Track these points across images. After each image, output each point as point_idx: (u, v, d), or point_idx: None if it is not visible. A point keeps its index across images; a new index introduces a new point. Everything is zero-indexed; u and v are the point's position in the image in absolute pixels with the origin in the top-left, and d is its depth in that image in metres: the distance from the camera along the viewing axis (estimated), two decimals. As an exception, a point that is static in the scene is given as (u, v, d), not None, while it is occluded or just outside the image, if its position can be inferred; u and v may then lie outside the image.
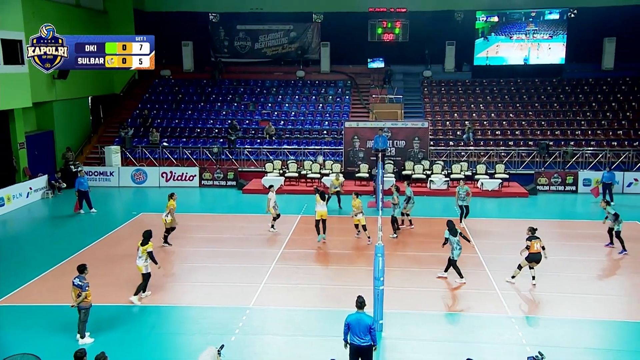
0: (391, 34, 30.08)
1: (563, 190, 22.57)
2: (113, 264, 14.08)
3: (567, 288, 12.45)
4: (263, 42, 31.45)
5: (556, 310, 11.47)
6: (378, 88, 29.05)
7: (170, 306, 11.80)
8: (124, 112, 29.01)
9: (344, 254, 14.88)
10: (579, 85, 28.82)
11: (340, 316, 11.02)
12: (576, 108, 27.29)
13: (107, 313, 11.21)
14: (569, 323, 10.83)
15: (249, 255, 14.77)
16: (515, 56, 29.76)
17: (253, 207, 20.42)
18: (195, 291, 12.53)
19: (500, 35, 29.67)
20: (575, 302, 11.77)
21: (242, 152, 25.25)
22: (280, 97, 29.74)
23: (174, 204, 15.27)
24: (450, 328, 10.72)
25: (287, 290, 12.54)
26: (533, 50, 29.57)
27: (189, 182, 23.95)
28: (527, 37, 29.47)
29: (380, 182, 18.57)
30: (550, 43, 29.29)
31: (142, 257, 11.69)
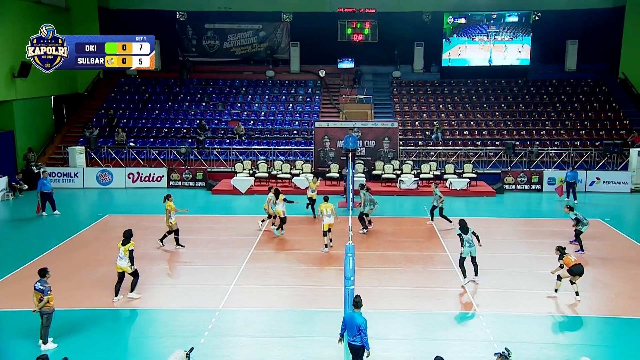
0: (360, 34, 30.26)
1: (529, 189, 23.11)
2: (77, 267, 13.73)
3: (533, 285, 12.73)
4: (232, 42, 31.21)
5: (522, 306, 11.71)
6: (348, 88, 29.19)
7: (137, 309, 11.59)
8: (88, 112, 28.36)
9: (315, 254, 14.87)
10: (543, 86, 29.58)
11: (311, 317, 11.09)
12: (541, 108, 28.00)
13: (71, 317, 10.92)
14: (534, 319, 11.08)
15: (218, 257, 14.62)
16: (479, 57, 30.30)
17: (222, 208, 20.23)
18: (163, 293, 12.33)
19: (462, 37, 30.16)
20: (541, 298, 12.04)
21: (211, 152, 24.99)
22: (250, 96, 29.57)
23: (172, 205, 15.02)
24: (420, 326, 10.82)
25: (257, 291, 12.46)
26: (496, 52, 30.13)
27: (156, 183, 23.57)
28: (489, 39, 30.05)
29: (350, 182, 18.63)
30: (511, 45, 29.94)
31: (125, 258, 11.61)
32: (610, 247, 15.55)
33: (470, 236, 12.59)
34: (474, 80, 30.20)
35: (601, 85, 29.20)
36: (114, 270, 13.22)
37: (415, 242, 15.95)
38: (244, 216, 19.13)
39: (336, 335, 8.91)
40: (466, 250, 12.54)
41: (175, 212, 15.04)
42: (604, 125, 26.72)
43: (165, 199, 15.19)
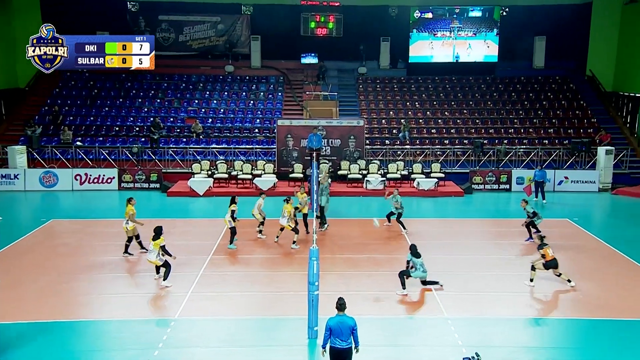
0: (325, 28, 30.38)
1: (497, 189, 23.68)
2: (19, 276, 13.28)
3: (502, 287, 13.04)
4: (188, 34, 30.82)
5: (491, 309, 11.97)
6: (312, 84, 29.25)
7: (85, 321, 11.27)
8: (30, 108, 27.52)
9: (278, 259, 14.83)
10: (511, 83, 30.38)
11: (274, 324, 11.05)
12: (509, 106, 28.74)
13: (13, 332, 10.56)
14: (503, 322, 11.34)
15: (173, 263, 14.34)
16: (441, 54, 30.53)
17: (179, 211, 19.94)
18: (113, 303, 12.05)
19: (423, 32, 30.45)
20: (509, 300, 12.34)
21: (166, 152, 24.62)
22: (208, 93, 29.27)
23: (133, 209, 14.70)
24: (387, 332, 10.92)
25: (216, 298, 12.32)
26: (460, 48, 30.38)
27: (106, 185, 23.08)
28: (452, 35, 30.50)
29: (315, 183, 18.64)
30: (474, 41, 30.35)
31: (154, 252, 12.59)
32: (578, 247, 16.07)
33: (422, 261, 12.50)
34: (442, 77, 30.73)
35: (569, 82, 30.20)
36: (58, 278, 12.87)
37: (382, 244, 16.10)
38: (202, 219, 18.93)
39: (301, 342, 8.90)
40: (416, 275, 12.52)
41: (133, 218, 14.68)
42: (572, 124, 27.65)
43: (128, 202, 14.86)
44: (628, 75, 29.22)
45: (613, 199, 22.87)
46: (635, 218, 20.05)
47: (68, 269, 13.70)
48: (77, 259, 14.60)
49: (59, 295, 12.28)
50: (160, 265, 12.85)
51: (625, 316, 11.59)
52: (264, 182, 22.52)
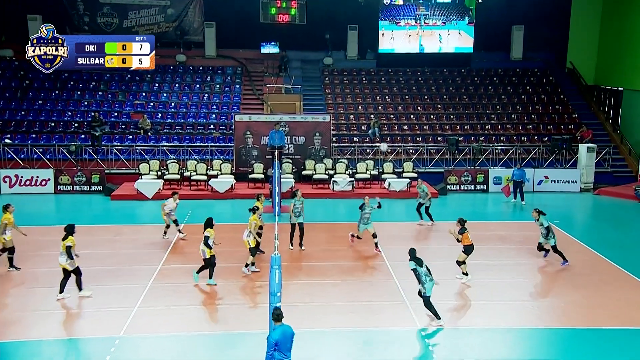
0: (286, 15, 30.30)
1: (474, 190, 24.09)
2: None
3: (477, 295, 13.26)
4: (133, 20, 30.32)
5: (466, 319, 12.18)
6: (273, 76, 29.17)
7: (14, 342, 10.92)
8: (-49, 101, 26.59)
9: (234, 268, 14.69)
10: (488, 75, 30.99)
11: (231, 340, 10.95)
12: (486, 100, 29.29)
13: None
14: (479, 332, 11.53)
15: (118, 274, 14.12)
16: (405, 46, 30.50)
17: (124, 216, 19.59)
18: (48, 321, 11.72)
19: (383, 20, 30.47)
20: (486, 309, 12.56)
21: (109, 150, 24.18)
22: (157, 85, 28.86)
23: (10, 218, 14.24)
24: (356, 346, 10.95)
25: (166, 313, 12.14)
26: (429, 38, 30.45)
27: (41, 187, 22.55)
28: (417, 23, 30.65)
29: (277, 184, 18.59)
30: (443, 30, 30.56)
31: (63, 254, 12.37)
32: (559, 251, 16.46)
33: (426, 269, 11.71)
34: (414, 69, 31.07)
35: (548, 75, 31.00)
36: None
37: (351, 250, 16.15)
38: (151, 225, 18.61)
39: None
40: (430, 287, 11.62)
41: (10, 227, 14.24)
42: (552, 119, 28.39)
43: (4, 209, 14.39)
44: (610, 68, 30.20)
45: (595, 200, 23.56)
46: (619, 220, 20.70)
47: None
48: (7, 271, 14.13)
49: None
50: (71, 272, 12.53)
51: (609, 325, 11.90)
52: (221, 184, 22.33)
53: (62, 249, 12.43)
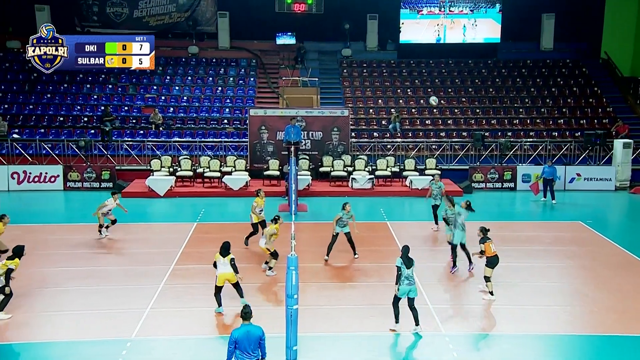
0: (303, 4, 30.33)
1: (501, 188, 23.93)
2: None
3: (505, 299, 13.16)
4: (144, 10, 30.58)
5: (494, 325, 12.13)
6: (289, 69, 29.22)
7: (22, 343, 11.12)
8: (-43, 95, 27.07)
9: (250, 268, 14.78)
10: (516, 67, 30.74)
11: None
12: (514, 94, 29.07)
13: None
14: (507, 339, 11.46)
15: (130, 275, 14.29)
16: (425, 37, 30.36)
17: (136, 214, 19.77)
18: (58, 323, 11.91)
19: (405, 9, 30.27)
20: (515, 315, 12.48)
21: (120, 146, 24.42)
22: (169, 78, 29.08)
23: (1, 229, 14.41)
24: (375, 351, 10.97)
25: (178, 315, 12.26)
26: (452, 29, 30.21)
27: (50, 184, 22.85)
28: (441, 12, 30.40)
29: (293, 182, 18.66)
30: (470, 20, 30.29)
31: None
32: (592, 253, 16.32)
33: (412, 272, 11.32)
34: (437, 61, 30.93)
35: (581, 66, 30.66)
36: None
37: (370, 251, 16.16)
38: (163, 224, 18.82)
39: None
40: (403, 290, 11.23)
41: None
42: (585, 113, 28.08)
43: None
44: (648, 59, 29.74)
45: (631, 199, 23.27)
46: (655, 220, 20.44)
47: (4, 282, 13.46)
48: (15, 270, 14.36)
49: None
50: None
51: (645, 331, 11.79)
52: (235, 181, 22.46)
53: (2, 268, 11.85)
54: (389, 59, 31.24)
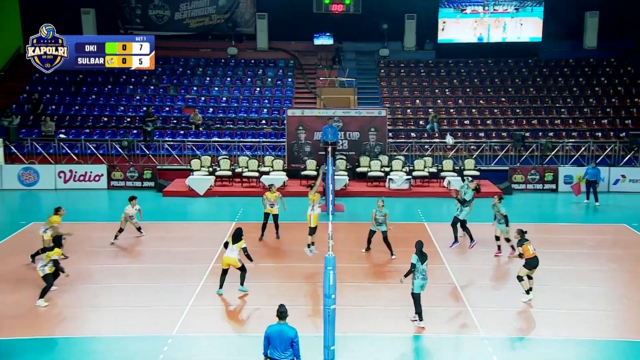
0: (341, 4, 30.32)
1: (542, 189, 23.52)
2: (-5, 288, 13.49)
3: (547, 303, 12.93)
4: (185, 12, 31.00)
5: (535, 329, 11.92)
6: (326, 69, 29.24)
7: (69, 338, 11.40)
8: (6, 96, 27.93)
9: (288, 268, 14.88)
10: (558, 66, 30.16)
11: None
12: (555, 93, 28.53)
13: (-12, 349, 10.73)
14: (548, 343, 11.26)
15: (171, 272, 14.51)
16: (468, 36, 30.11)
17: (176, 213, 20.10)
18: (102, 318, 12.18)
19: (447, 7, 30.04)
20: (556, 319, 12.25)
21: (161, 146, 24.81)
22: (208, 79, 29.42)
23: (58, 220, 14.86)
24: (412, 353, 10.92)
25: (218, 313, 12.42)
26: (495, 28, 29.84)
27: (94, 183, 23.34)
28: (485, 10, 30.04)
29: (330, 182, 18.67)
30: (516, 18, 29.75)
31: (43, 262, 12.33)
32: (637, 256, 15.91)
33: (426, 267, 11.75)
34: (476, 60, 30.59)
35: (626, 65, 29.91)
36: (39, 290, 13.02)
37: (407, 252, 15.90)
38: (202, 223, 19.05)
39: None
40: (419, 284, 11.67)
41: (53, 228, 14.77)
42: (630, 113, 27.38)
43: (55, 212, 15.04)
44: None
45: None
46: None
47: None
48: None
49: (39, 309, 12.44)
50: (42, 277, 12.53)
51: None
52: (272, 181, 22.49)
53: (46, 258, 12.58)
54: (426, 59, 31.01)
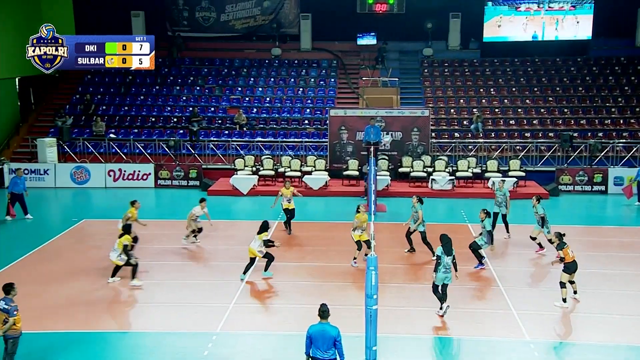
0: (385, 4, 30.16)
1: (590, 191, 22.95)
2: (48, 282, 13.91)
3: (596, 307, 12.66)
4: (231, 13, 31.36)
5: (582, 333, 11.66)
6: (369, 69, 29.18)
7: (118, 332, 11.70)
8: (60, 97, 28.77)
9: (330, 267, 14.91)
10: (608, 64, 29.39)
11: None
12: (605, 92, 27.79)
13: (41, 342, 11.07)
14: (597, 349, 10.99)
15: (215, 270, 14.73)
16: (522, 34, 29.61)
17: (220, 211, 20.33)
18: (149, 314, 12.45)
19: (502, 5, 29.58)
20: (606, 324, 11.95)
21: (206, 145, 25.18)
22: (252, 79, 29.70)
23: (134, 213, 15.30)
24: (456, 355, 10.81)
25: (261, 311, 12.54)
26: (550, 25, 29.46)
27: (142, 181, 23.85)
28: (540, 8, 29.45)
29: (372, 182, 18.64)
30: (571, 16, 29.14)
31: (117, 251, 13.43)
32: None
33: (450, 261, 11.90)
34: (523, 59, 30.05)
35: (681, 63, 28.90)
36: (91, 285, 13.42)
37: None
38: (246, 222, 19.22)
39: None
40: (440, 277, 11.86)
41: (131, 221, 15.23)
42: (685, 113, 26.48)
43: (131, 204, 15.54)
44: None
45: None
46: None
47: (100, 274, 14.23)
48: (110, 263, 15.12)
49: (91, 304, 12.79)
50: (123, 265, 13.55)
51: None
52: (315, 181, 22.67)
53: (119, 246, 13.49)
54: (471, 58, 30.62)
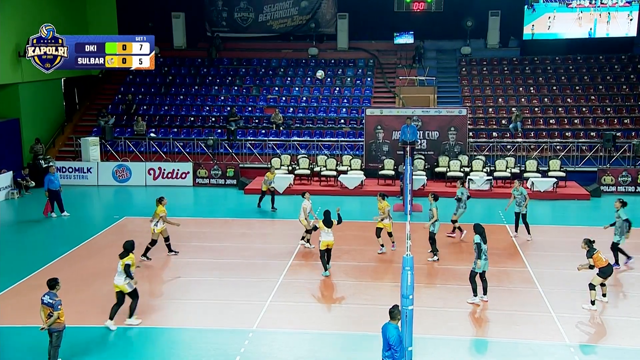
0: (422, 2, 29.87)
1: (634, 192, 22.35)
2: (90, 278, 14.21)
3: (637, 312, 12.34)
4: (269, 14, 31.52)
5: (624, 338, 11.36)
6: (406, 68, 28.98)
7: (157, 328, 11.87)
8: (103, 97, 29.30)
9: (366, 267, 14.87)
10: (653, 63, 28.55)
11: (360, 342, 11.12)
12: (650, 91, 27.06)
13: (84, 336, 11.32)
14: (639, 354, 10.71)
15: (252, 268, 14.83)
16: (574, 31, 29.12)
17: (257, 210, 20.49)
18: (187, 310, 12.61)
19: (552, 1, 29.12)
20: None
21: (243, 144, 25.37)
22: (289, 79, 29.79)
23: (164, 210, 15.44)
24: (493, 358, 10.64)
25: (297, 310, 12.56)
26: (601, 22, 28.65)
27: (181, 180, 24.15)
28: (592, 4, 28.79)
29: (408, 182, 18.51)
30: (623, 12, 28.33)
31: (122, 274, 11.52)
32: None
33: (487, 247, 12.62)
34: (563, 57, 29.44)
35: None
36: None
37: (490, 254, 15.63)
38: (282, 220, 19.32)
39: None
40: (483, 264, 12.50)
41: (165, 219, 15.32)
42: None
43: (158, 202, 15.52)
44: None
45: None
46: None
47: (140, 271, 14.45)
48: (150, 261, 15.39)
49: (131, 299, 13.00)
50: (127, 294, 11.64)
51: None
52: (350, 180, 22.61)
53: (121, 268, 11.53)
54: (510, 56, 30.10)
